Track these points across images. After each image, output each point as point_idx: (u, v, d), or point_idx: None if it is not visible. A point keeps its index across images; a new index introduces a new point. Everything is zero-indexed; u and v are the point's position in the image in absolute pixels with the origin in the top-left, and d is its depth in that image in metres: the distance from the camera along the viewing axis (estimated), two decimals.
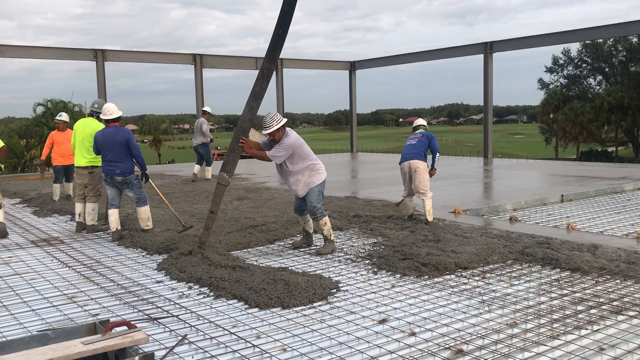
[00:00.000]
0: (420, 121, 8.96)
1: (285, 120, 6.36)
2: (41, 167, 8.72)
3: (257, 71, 6.39)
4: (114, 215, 7.63)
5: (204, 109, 15.25)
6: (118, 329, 3.69)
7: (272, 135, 6.36)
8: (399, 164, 8.49)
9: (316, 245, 6.99)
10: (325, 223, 6.63)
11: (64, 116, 11.00)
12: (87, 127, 8.19)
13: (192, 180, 14.65)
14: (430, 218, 7.99)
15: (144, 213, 7.63)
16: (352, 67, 26.26)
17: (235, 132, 6.35)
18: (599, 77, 53.01)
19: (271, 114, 6.32)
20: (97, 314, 4.72)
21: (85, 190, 8.23)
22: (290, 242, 7.17)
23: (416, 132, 8.63)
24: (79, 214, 8.33)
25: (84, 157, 8.19)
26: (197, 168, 14.86)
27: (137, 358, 3.48)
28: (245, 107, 6.21)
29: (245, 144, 6.23)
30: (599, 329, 4.17)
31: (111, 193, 7.63)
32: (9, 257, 6.85)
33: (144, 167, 7.71)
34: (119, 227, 7.70)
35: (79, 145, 8.22)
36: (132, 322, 4.08)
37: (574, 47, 51.69)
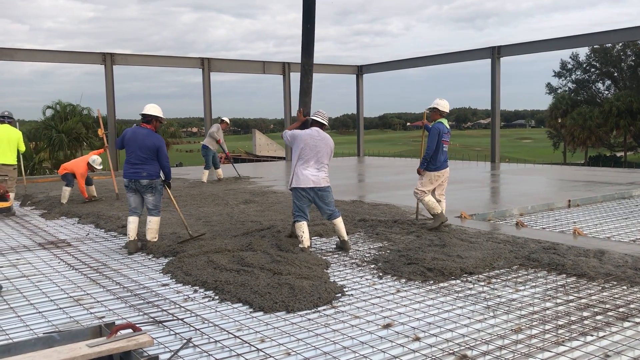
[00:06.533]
0: (437, 104, 8.16)
1: (321, 118, 6.94)
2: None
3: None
4: (133, 224, 7.17)
5: (223, 118, 15.58)
6: (123, 331, 3.71)
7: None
8: (440, 169, 8.07)
9: (354, 251, 7.00)
10: (296, 228, 6.90)
11: None
12: (7, 132, 10.30)
13: (218, 180, 15.35)
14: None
15: (156, 224, 7.29)
16: (360, 71, 26.30)
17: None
18: (608, 82, 52.85)
19: (323, 111, 7.07)
20: (103, 317, 4.75)
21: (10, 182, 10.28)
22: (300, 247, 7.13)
23: (446, 130, 8.07)
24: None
25: (12, 156, 10.35)
26: (210, 172, 15.23)
27: None
28: (299, 104, 7.28)
29: (299, 114, 7.24)
30: (604, 336, 4.15)
31: (134, 201, 7.22)
32: (17, 259, 6.90)
33: (168, 177, 7.39)
34: (136, 237, 7.20)
35: (3, 146, 10.19)
36: (138, 325, 4.11)
37: (583, 52, 51.59)
